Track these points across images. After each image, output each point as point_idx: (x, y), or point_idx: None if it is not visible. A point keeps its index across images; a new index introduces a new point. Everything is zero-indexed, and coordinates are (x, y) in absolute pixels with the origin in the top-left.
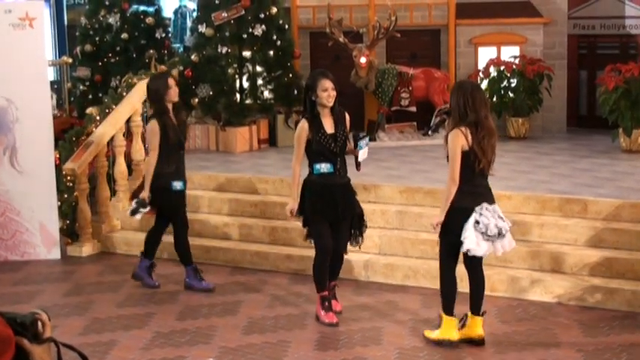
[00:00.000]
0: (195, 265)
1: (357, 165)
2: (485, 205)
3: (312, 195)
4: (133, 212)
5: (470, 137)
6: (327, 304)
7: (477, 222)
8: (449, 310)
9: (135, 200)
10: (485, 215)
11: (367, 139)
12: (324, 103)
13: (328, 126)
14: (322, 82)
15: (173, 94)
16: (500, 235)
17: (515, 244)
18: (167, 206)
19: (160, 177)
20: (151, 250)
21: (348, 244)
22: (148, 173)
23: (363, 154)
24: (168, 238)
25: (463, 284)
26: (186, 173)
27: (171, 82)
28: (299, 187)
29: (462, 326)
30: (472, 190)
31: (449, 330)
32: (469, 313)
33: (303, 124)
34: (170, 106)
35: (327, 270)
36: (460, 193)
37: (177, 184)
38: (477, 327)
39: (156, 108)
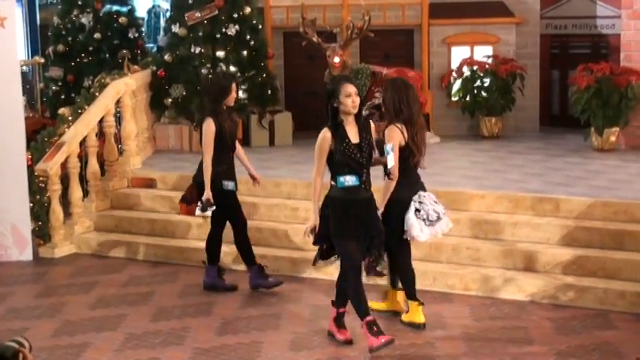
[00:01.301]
0: (259, 264)
1: (388, 173)
2: (421, 193)
3: (336, 212)
4: (203, 210)
5: (405, 133)
6: (375, 329)
7: (418, 210)
8: (413, 294)
9: (199, 205)
10: (424, 202)
11: (391, 144)
12: (348, 109)
13: (352, 135)
14: (345, 87)
15: (231, 99)
16: (438, 219)
17: (451, 224)
18: (222, 206)
19: (212, 177)
20: (213, 254)
21: (379, 267)
22: (207, 173)
23: (391, 160)
24: (141, 239)
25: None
26: (234, 174)
27: (234, 87)
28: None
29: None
30: (409, 182)
31: (416, 314)
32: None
33: (325, 134)
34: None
35: (364, 290)
36: (398, 186)
37: (229, 184)
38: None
39: (213, 107)
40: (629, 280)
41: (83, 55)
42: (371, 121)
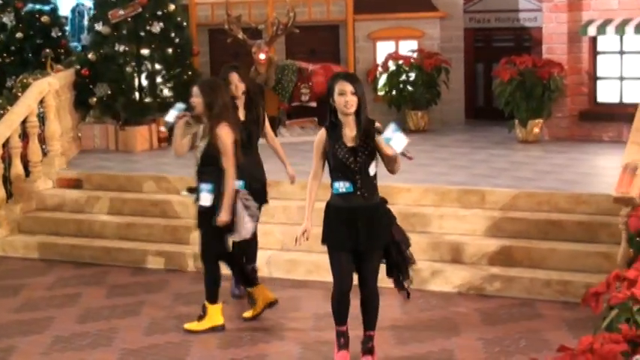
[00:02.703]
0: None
1: (405, 156)
2: (242, 190)
3: (329, 219)
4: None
5: (235, 132)
6: (342, 340)
7: (247, 207)
8: (214, 298)
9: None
10: (249, 199)
11: (393, 125)
12: (341, 109)
13: (349, 138)
14: (339, 84)
15: (234, 90)
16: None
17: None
18: None
19: None
20: (250, 256)
21: (405, 282)
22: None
23: (398, 143)
24: (67, 240)
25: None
26: (252, 172)
27: (233, 77)
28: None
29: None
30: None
31: (216, 317)
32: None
33: (321, 133)
34: (240, 100)
35: (345, 306)
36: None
37: (237, 183)
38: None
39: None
40: (554, 269)
41: (5, 54)
42: (377, 123)
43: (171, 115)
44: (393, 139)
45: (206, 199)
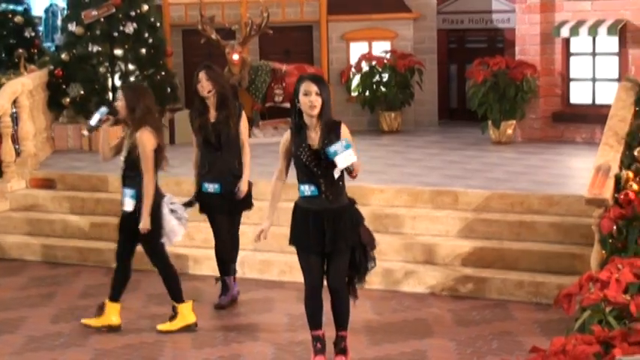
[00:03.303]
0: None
1: (349, 173)
2: (168, 194)
3: (296, 220)
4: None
5: (157, 137)
6: (318, 345)
7: (173, 211)
8: (180, 297)
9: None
10: (175, 203)
11: (344, 141)
12: (305, 110)
13: (314, 139)
14: (304, 84)
15: (200, 89)
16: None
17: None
18: (202, 208)
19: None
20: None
21: (358, 284)
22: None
23: (343, 160)
24: (40, 240)
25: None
26: (226, 175)
27: (200, 75)
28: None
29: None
30: (156, 184)
31: (188, 315)
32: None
33: (286, 135)
34: (211, 100)
35: (317, 308)
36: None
37: (210, 186)
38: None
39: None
40: (527, 271)
41: None
42: (343, 124)
43: (94, 119)
44: (339, 155)
45: (128, 204)
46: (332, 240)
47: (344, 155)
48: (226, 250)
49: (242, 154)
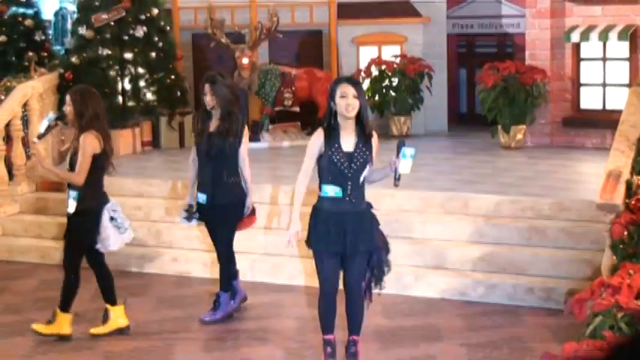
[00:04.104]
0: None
1: (396, 179)
2: (112, 201)
3: (316, 222)
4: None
5: (102, 141)
6: (329, 349)
7: (113, 218)
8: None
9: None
10: (117, 211)
11: (413, 150)
12: (342, 112)
13: (347, 142)
14: (341, 87)
15: (204, 100)
16: (126, 228)
17: (133, 235)
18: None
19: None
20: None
21: (375, 287)
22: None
23: (405, 166)
24: (51, 243)
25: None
26: (214, 187)
27: (205, 88)
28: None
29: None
30: (101, 191)
31: (120, 318)
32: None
33: (318, 133)
34: (215, 111)
35: (331, 312)
36: (91, 195)
37: (201, 197)
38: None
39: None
40: (537, 276)
41: None
42: (375, 135)
43: (42, 126)
44: (406, 161)
45: (71, 206)
46: (353, 242)
47: (406, 162)
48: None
49: (243, 168)
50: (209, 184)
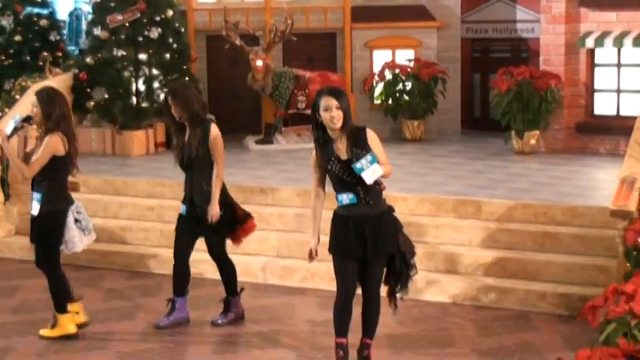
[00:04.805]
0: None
1: (378, 185)
2: (77, 203)
3: (336, 227)
4: None
5: (67, 143)
6: (341, 353)
7: (77, 220)
8: (64, 308)
9: None
10: (82, 212)
11: (368, 155)
12: (328, 124)
13: (342, 151)
14: (323, 99)
15: (173, 112)
16: (90, 230)
17: (95, 236)
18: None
19: None
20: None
21: (398, 294)
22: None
23: (370, 175)
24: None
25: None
26: (194, 196)
27: (169, 101)
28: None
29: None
30: (65, 192)
31: (67, 326)
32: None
33: (313, 155)
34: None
35: (347, 316)
36: (57, 195)
37: (182, 208)
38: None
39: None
40: (550, 282)
41: (3, 57)
42: (368, 129)
43: (9, 128)
44: (366, 171)
45: (35, 208)
46: (374, 245)
47: (371, 170)
48: (178, 273)
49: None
50: (188, 196)
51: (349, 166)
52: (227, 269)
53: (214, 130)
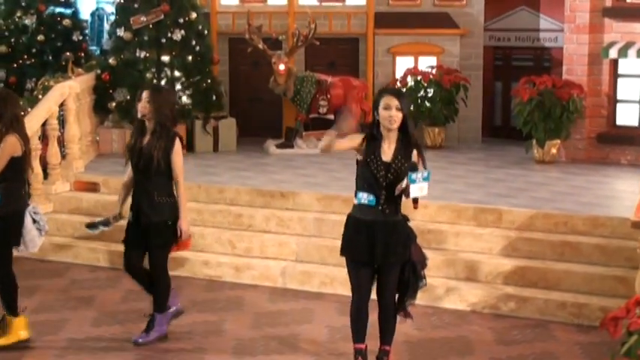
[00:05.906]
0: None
1: (414, 202)
2: (32, 204)
3: (348, 231)
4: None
5: (22, 143)
6: (360, 359)
7: (35, 221)
8: (14, 310)
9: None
10: (38, 213)
11: (426, 172)
12: (384, 123)
13: (386, 152)
14: (385, 98)
15: (139, 106)
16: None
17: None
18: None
19: None
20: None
21: (408, 301)
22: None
23: (416, 190)
24: (83, 243)
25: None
26: (144, 204)
27: (144, 95)
28: None
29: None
30: (22, 192)
31: (18, 331)
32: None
33: (362, 137)
34: (149, 123)
35: (363, 322)
36: (17, 196)
37: (129, 214)
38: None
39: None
40: (569, 291)
41: (26, 57)
42: (415, 150)
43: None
44: (416, 184)
45: None
46: (383, 253)
47: (419, 186)
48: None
49: (176, 188)
50: (138, 202)
51: (387, 168)
52: (162, 284)
53: (178, 145)
